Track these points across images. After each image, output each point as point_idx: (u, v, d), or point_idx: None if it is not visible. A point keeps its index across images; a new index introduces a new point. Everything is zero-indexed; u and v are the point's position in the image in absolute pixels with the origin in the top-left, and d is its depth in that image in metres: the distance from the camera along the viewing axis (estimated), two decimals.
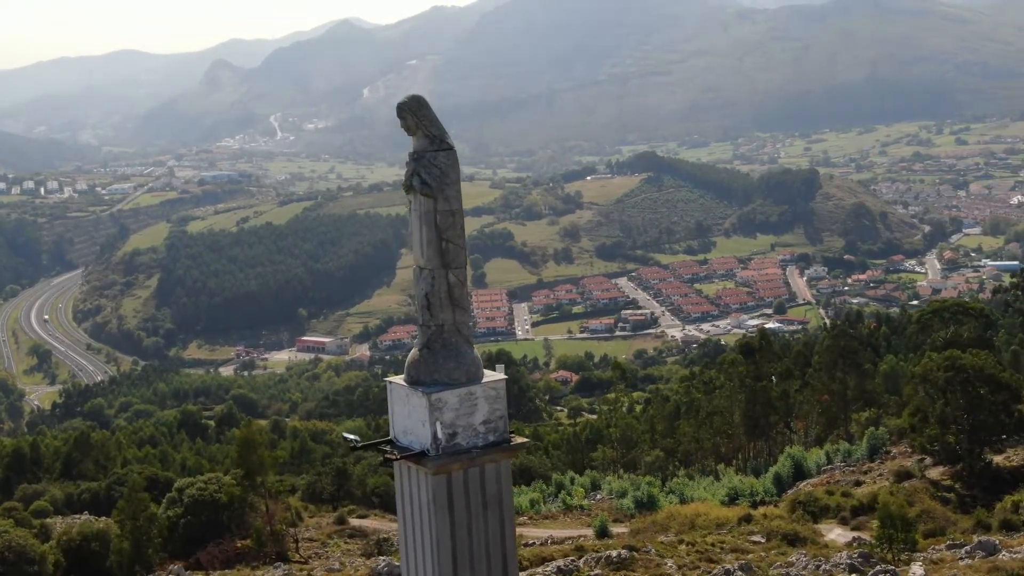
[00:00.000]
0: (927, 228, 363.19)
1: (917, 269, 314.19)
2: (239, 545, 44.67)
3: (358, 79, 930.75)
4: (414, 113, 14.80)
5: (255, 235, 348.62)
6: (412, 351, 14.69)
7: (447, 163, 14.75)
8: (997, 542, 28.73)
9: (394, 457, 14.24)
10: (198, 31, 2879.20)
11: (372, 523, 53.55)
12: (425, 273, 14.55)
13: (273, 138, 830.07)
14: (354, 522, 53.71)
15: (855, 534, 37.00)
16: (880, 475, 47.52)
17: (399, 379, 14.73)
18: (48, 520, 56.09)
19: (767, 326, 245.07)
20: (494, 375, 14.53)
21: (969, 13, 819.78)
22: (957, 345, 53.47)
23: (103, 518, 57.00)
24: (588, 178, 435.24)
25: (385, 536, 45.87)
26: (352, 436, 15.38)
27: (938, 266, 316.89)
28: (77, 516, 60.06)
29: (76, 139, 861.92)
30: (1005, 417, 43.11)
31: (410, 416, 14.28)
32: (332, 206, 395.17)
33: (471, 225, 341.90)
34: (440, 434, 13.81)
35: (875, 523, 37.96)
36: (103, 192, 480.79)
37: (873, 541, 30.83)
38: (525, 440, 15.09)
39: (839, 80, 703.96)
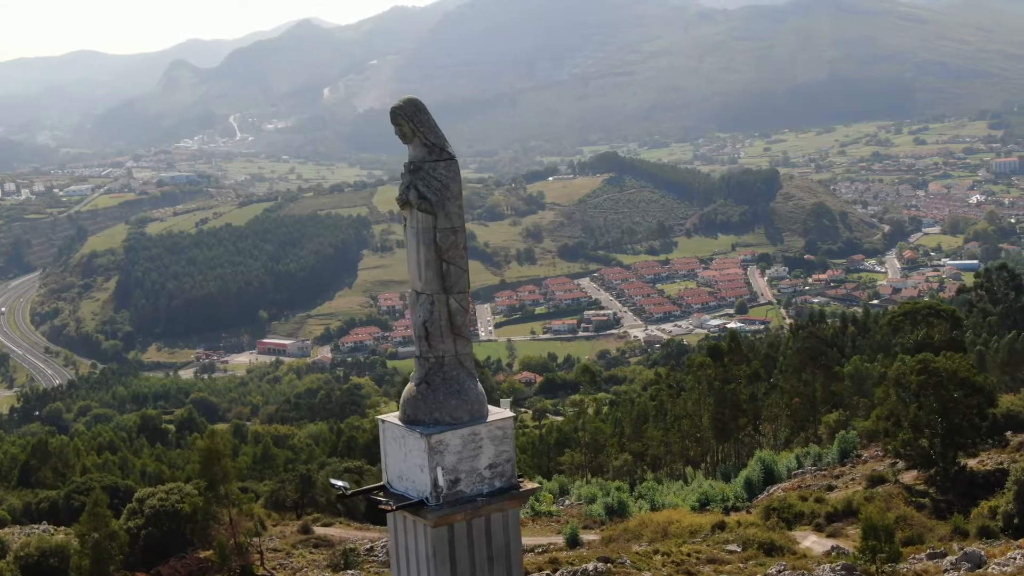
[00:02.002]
0: (887, 228, 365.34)
1: (877, 268, 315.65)
2: (202, 556, 43.65)
3: (318, 79, 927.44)
4: (410, 119, 13.32)
5: (215, 236, 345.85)
6: (408, 386, 13.13)
7: (448, 175, 13.22)
8: (983, 553, 28.15)
9: (389, 508, 12.79)
10: (157, 31, 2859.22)
11: (337, 531, 52.58)
12: (423, 299, 13.03)
13: (232, 139, 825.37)
14: (319, 530, 52.71)
15: (832, 542, 36.42)
16: (852, 479, 47.06)
17: (393, 417, 13.21)
18: (5, 531, 54.77)
19: (728, 326, 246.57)
20: (500, 412, 13.13)
21: (928, 13, 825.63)
22: (928, 347, 53.12)
23: (62, 528, 55.80)
24: (550, 178, 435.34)
25: (352, 546, 44.99)
26: (340, 483, 13.96)
27: (898, 265, 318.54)
28: (36, 526, 58.69)
29: (34, 140, 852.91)
30: (979, 420, 42.73)
31: (406, 460, 12.83)
32: (292, 207, 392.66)
33: None
34: (441, 481, 12.38)
35: (850, 529, 37.48)
36: (61, 194, 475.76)
37: (855, 552, 30.24)
38: (536, 486, 13.75)
39: (799, 80, 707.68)
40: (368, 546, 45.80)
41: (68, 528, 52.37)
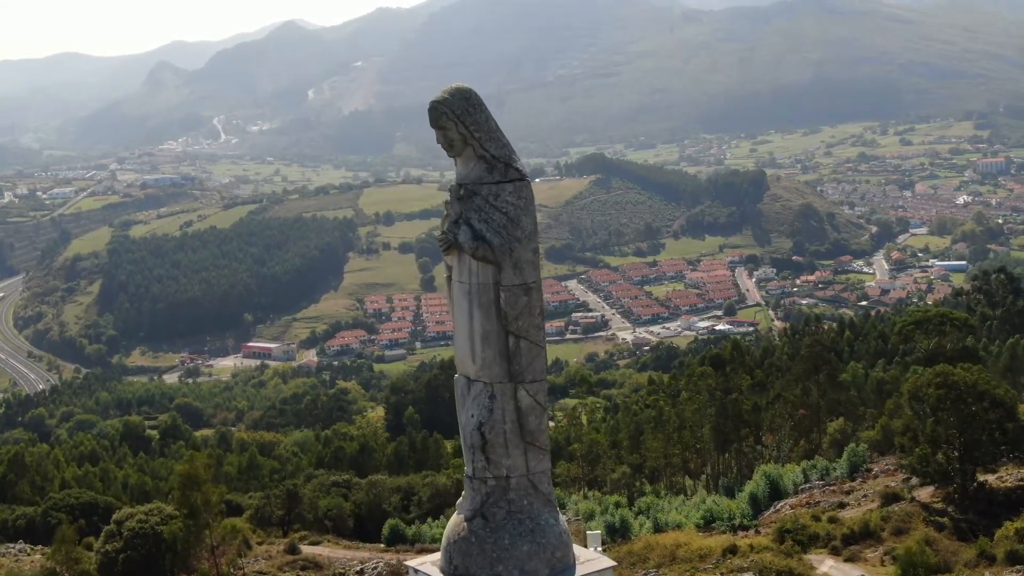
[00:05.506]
0: (874, 229, 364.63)
1: (865, 270, 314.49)
2: None
3: (303, 81, 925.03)
4: (459, 119, 8.13)
5: (199, 239, 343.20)
6: (454, 520, 8.15)
7: (518, 204, 8.17)
8: None
9: None
10: (141, 33, 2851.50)
11: (326, 551, 50.40)
12: (478, 390, 7.99)
13: (217, 140, 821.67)
14: (306, 549, 50.49)
15: (850, 567, 34.47)
16: (864, 496, 45.02)
17: (431, 567, 8.19)
18: None
19: (717, 328, 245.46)
20: (592, 559, 8.27)
21: (913, 14, 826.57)
22: (941, 357, 51.20)
23: (39, 547, 53.68)
24: (537, 180, 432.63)
25: (341, 570, 42.86)
26: None
27: (886, 266, 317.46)
28: (11, 545, 56.55)
29: (17, 143, 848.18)
30: (999, 435, 40.77)
31: None
32: (278, 209, 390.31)
33: (419, 228, 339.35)
34: None
35: (869, 552, 35.61)
36: (44, 196, 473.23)
37: None
38: None
39: (784, 81, 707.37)
40: (359, 568, 43.70)
41: (45, 547, 50.17)
